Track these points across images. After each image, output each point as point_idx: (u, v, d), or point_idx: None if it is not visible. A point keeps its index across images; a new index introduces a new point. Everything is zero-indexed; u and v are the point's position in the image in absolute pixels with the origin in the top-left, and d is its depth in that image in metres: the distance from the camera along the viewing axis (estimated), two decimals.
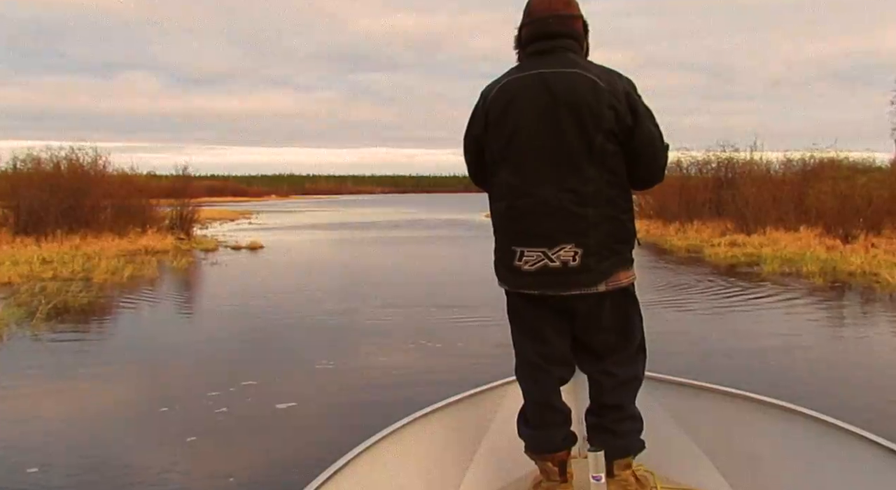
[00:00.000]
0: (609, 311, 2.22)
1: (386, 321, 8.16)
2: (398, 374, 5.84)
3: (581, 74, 2.08)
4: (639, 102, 2.13)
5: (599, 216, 2.10)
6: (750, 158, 23.39)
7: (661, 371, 2.74)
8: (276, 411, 4.84)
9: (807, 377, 5.68)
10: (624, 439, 2.24)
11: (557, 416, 2.31)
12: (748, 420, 2.40)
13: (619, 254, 2.16)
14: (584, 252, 2.09)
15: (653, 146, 2.16)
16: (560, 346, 2.28)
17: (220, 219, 33.36)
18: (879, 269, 11.58)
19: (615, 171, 2.12)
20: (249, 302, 9.75)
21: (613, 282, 2.16)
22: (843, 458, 2.07)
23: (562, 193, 2.08)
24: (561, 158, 2.09)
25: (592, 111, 2.05)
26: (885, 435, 2.01)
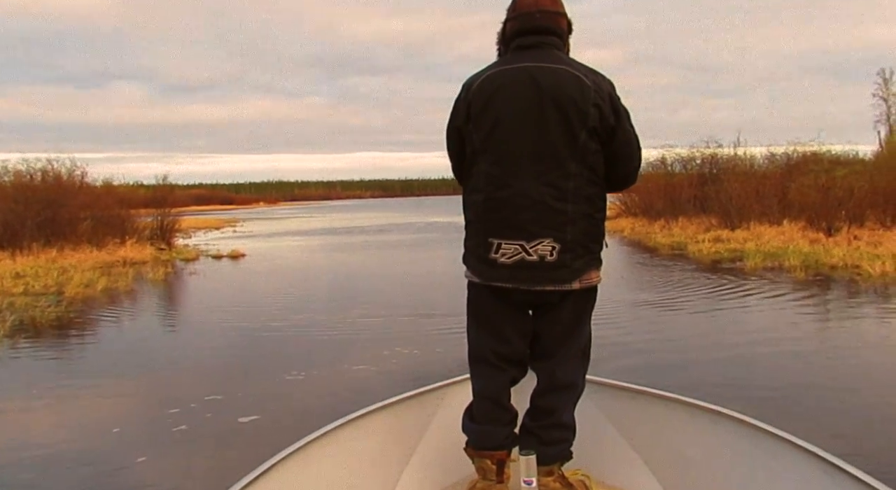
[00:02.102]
0: (570, 309, 2.20)
1: (364, 330, 8.00)
2: (371, 384, 5.70)
3: (568, 71, 2.08)
4: (619, 103, 2.14)
5: (577, 213, 2.09)
6: (734, 154, 23.45)
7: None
8: (237, 426, 4.68)
9: (772, 377, 5.57)
10: (549, 447, 2.20)
11: (504, 414, 2.28)
12: (682, 423, 2.41)
13: (592, 253, 2.16)
14: (561, 248, 2.08)
15: (630, 147, 2.17)
16: (518, 345, 2.25)
17: (205, 227, 33.13)
18: (861, 262, 11.53)
19: (595, 169, 2.13)
20: (223, 313, 9.58)
21: (586, 280, 2.15)
22: (770, 462, 2.08)
23: (542, 187, 2.07)
24: (544, 152, 2.08)
25: (578, 108, 2.05)
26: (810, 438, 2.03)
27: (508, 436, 2.28)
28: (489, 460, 2.25)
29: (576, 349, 2.25)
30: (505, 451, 2.27)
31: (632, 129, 2.17)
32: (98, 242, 17.69)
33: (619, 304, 8.94)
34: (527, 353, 2.29)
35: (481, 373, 2.28)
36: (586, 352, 2.30)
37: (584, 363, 2.32)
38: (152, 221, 19.90)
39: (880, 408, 4.68)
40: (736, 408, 2.34)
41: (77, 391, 5.78)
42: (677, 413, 2.43)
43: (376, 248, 20.11)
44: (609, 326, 7.49)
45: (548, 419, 2.22)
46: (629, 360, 6.06)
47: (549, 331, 2.23)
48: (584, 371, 2.32)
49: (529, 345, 2.28)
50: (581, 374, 2.30)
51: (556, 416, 2.23)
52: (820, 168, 18.85)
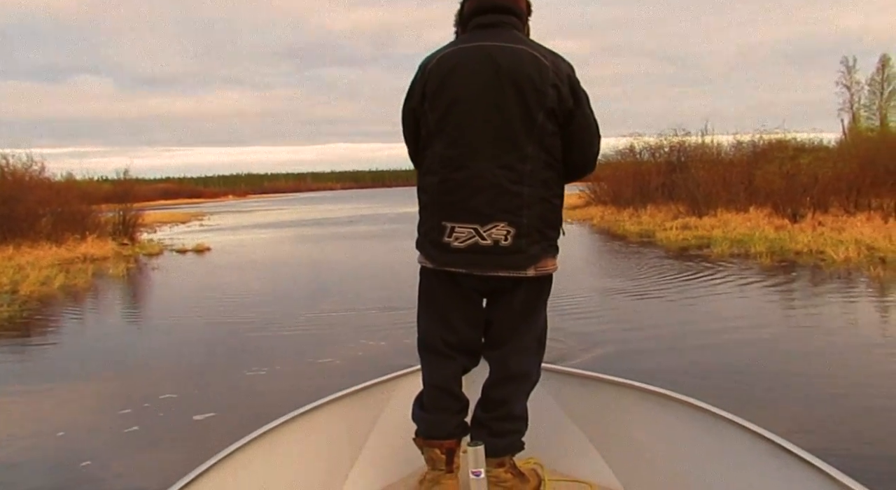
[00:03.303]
0: (524, 297, 2.13)
1: (331, 323, 7.85)
2: (335, 377, 5.54)
3: (526, 50, 2.02)
4: (579, 86, 2.08)
5: (534, 197, 2.03)
6: (701, 142, 23.63)
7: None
8: (191, 425, 4.52)
9: (736, 363, 5.56)
10: (500, 439, 2.14)
11: (454, 403, 2.22)
12: (633, 408, 2.40)
13: (548, 239, 2.09)
14: (516, 232, 2.01)
15: (589, 132, 2.11)
16: (468, 334, 2.19)
17: (171, 222, 32.67)
18: (825, 248, 11.65)
19: (552, 152, 2.06)
20: (184, 309, 9.35)
21: (541, 268, 2.09)
22: (719, 445, 2.08)
23: (498, 169, 2.00)
24: (500, 133, 2.01)
25: (536, 88, 1.99)
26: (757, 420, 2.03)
27: (458, 425, 2.22)
28: (438, 449, 2.19)
29: (530, 338, 2.19)
30: (454, 439, 2.21)
31: (591, 114, 2.11)
32: (58, 239, 17.23)
33: (586, 292, 8.91)
34: (479, 341, 2.22)
35: (431, 361, 2.23)
36: (542, 341, 2.24)
37: (540, 353, 2.25)
38: (114, 216, 19.46)
39: (827, 389, 4.67)
40: (700, 393, 2.31)
41: (23, 394, 5.55)
42: (629, 398, 2.42)
43: (345, 240, 19.91)
44: (574, 314, 7.45)
45: (499, 410, 2.16)
46: (595, 348, 6.00)
47: (501, 319, 2.17)
48: (538, 361, 2.25)
49: (487, 334, 2.22)
50: (535, 365, 2.24)
51: (507, 408, 2.16)
52: (785, 155, 19.09)
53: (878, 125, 34.86)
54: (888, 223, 14.33)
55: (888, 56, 37.56)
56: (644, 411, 2.37)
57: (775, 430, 1.93)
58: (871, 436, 3.88)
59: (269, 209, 48.38)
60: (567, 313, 7.52)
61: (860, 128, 34.49)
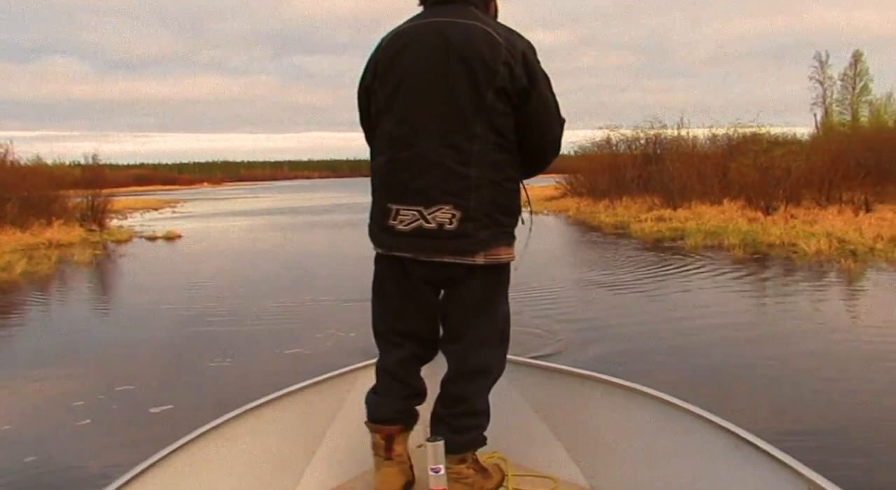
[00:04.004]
0: (478, 288, 2.04)
1: (301, 313, 7.69)
2: (302, 369, 5.38)
3: (479, 26, 1.94)
4: (536, 66, 1.98)
5: (482, 179, 1.93)
6: (677, 134, 23.71)
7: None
8: (146, 417, 4.37)
9: (705, 356, 5.53)
10: (461, 435, 2.07)
11: (401, 388, 2.16)
12: (598, 401, 2.37)
13: (500, 225, 1.99)
14: (462, 216, 1.92)
15: (547, 113, 2.01)
16: (419, 323, 2.13)
17: (143, 208, 32.24)
18: (797, 240, 11.72)
19: (503, 133, 1.95)
20: (150, 297, 9.12)
21: (493, 256, 1.98)
22: (683, 438, 2.06)
23: (444, 149, 1.92)
24: (448, 111, 1.92)
25: (486, 65, 1.90)
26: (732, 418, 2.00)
27: (401, 411, 2.15)
28: (378, 435, 2.14)
29: (489, 332, 2.10)
30: (396, 426, 2.14)
31: (551, 96, 2.02)
32: (23, 224, 16.82)
33: (559, 283, 8.85)
34: (433, 332, 2.15)
35: (381, 347, 2.19)
36: (503, 335, 2.15)
37: (501, 347, 2.16)
38: (82, 202, 19.06)
39: (795, 378, 4.66)
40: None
41: None
42: (593, 391, 2.39)
43: (320, 229, 19.68)
44: (545, 305, 7.39)
45: (459, 407, 2.08)
46: (562, 340, 5.95)
47: (455, 311, 2.08)
48: (500, 355, 2.16)
49: (437, 323, 2.15)
50: (496, 359, 2.15)
51: (467, 404, 2.09)
52: (759, 148, 19.20)
53: (850, 120, 35.28)
54: (858, 216, 14.48)
55: (860, 52, 38.08)
56: (609, 404, 2.33)
57: (736, 420, 1.93)
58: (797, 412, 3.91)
59: (245, 197, 47.88)
60: (537, 303, 7.45)
61: (832, 122, 34.89)
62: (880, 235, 11.55)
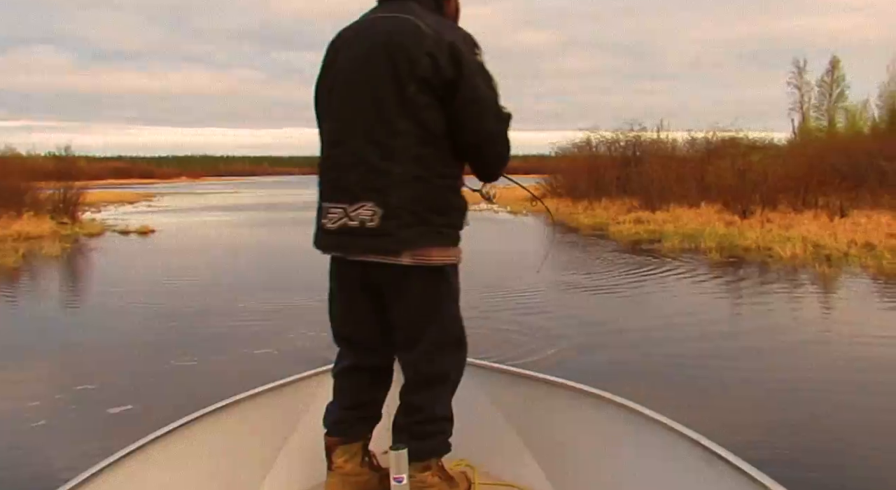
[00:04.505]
0: (417, 293, 1.97)
1: (273, 311, 7.54)
2: (270, 369, 5.25)
3: (408, 19, 1.89)
4: (469, 58, 1.88)
5: (406, 175, 1.87)
6: (657, 137, 23.83)
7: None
8: (104, 418, 4.24)
9: (673, 360, 5.49)
10: (423, 442, 2.01)
11: (342, 398, 2.13)
12: (567, 408, 2.34)
13: (429, 224, 1.90)
14: (384, 213, 1.86)
15: (478, 106, 1.91)
16: (358, 328, 2.07)
17: (118, 202, 31.81)
18: (773, 244, 11.78)
19: (428, 127, 1.88)
20: (118, 293, 8.92)
21: (421, 256, 1.90)
22: (650, 447, 2.04)
23: (369, 145, 1.88)
24: (372, 107, 1.89)
25: (409, 56, 1.85)
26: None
27: (339, 422, 2.11)
28: (325, 443, 2.11)
29: (440, 339, 2.02)
30: (333, 437, 2.10)
31: (486, 90, 1.92)
32: None
33: (535, 285, 8.80)
34: (373, 339, 2.09)
35: (337, 353, 2.18)
36: (458, 340, 2.07)
37: (457, 353, 2.08)
38: (54, 194, 18.71)
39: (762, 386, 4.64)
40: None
41: None
42: (562, 398, 2.36)
43: (297, 226, 19.45)
44: (520, 307, 7.33)
45: (418, 415, 2.03)
46: (537, 344, 5.88)
47: (400, 317, 2.02)
48: (457, 361, 2.09)
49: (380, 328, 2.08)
50: (453, 366, 2.07)
51: (426, 412, 2.03)
52: (737, 152, 19.34)
53: (827, 126, 35.68)
54: (834, 221, 14.61)
55: (837, 58, 38.43)
56: (578, 412, 2.30)
57: (701, 429, 1.93)
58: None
59: (223, 192, 47.40)
60: (512, 306, 7.39)
61: (809, 127, 35.27)
62: (854, 241, 11.65)
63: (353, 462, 2.12)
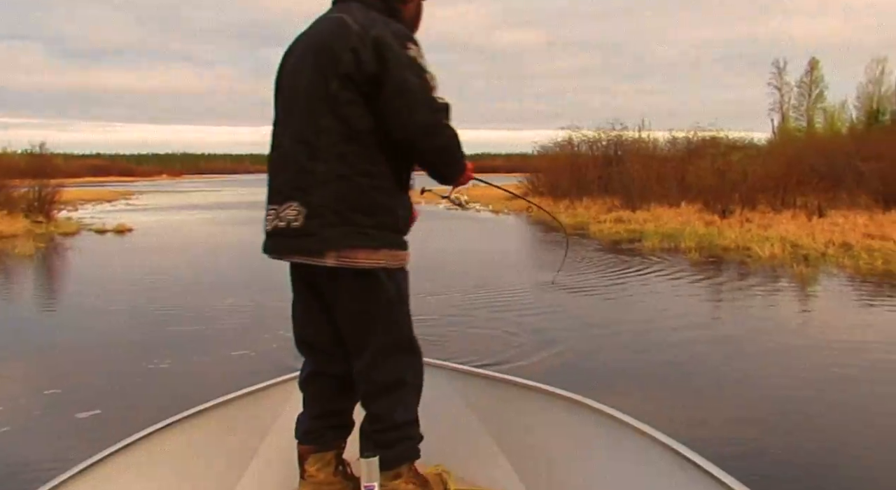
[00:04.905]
0: (350, 298, 1.94)
1: (249, 312, 7.42)
2: (245, 372, 5.16)
3: (338, 17, 1.90)
4: (395, 51, 1.83)
5: (329, 173, 1.85)
6: (638, 137, 23.93)
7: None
8: (71, 424, 4.12)
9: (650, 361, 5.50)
10: (388, 450, 1.98)
11: (310, 406, 2.12)
12: (541, 412, 2.35)
13: (354, 225, 1.86)
14: (307, 212, 1.86)
15: (405, 98, 1.83)
16: (313, 332, 2.06)
17: (96, 200, 31.49)
18: (752, 244, 11.85)
19: (351, 123, 1.85)
20: (92, 293, 8.78)
21: (347, 259, 1.86)
22: (624, 453, 2.05)
23: (298, 145, 1.90)
24: (301, 106, 1.91)
25: (332, 53, 1.85)
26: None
27: (309, 432, 2.10)
28: (298, 452, 2.12)
29: (384, 345, 1.97)
30: (305, 446, 2.10)
31: (414, 80, 1.84)
32: None
33: (516, 285, 8.77)
34: (330, 344, 2.07)
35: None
36: (408, 344, 2.03)
37: (408, 357, 2.03)
38: (29, 192, 18.42)
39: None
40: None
41: None
42: (537, 402, 2.37)
43: None
44: (499, 308, 7.29)
45: (378, 424, 2.01)
46: (517, 344, 5.85)
47: (341, 322, 2.00)
48: (407, 366, 2.03)
49: (331, 332, 2.07)
50: (406, 369, 2.02)
51: (387, 420, 2.00)
52: (717, 152, 19.46)
53: (806, 126, 36.06)
54: (812, 221, 14.74)
55: (816, 60, 38.86)
56: (553, 416, 2.31)
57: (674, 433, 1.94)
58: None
59: (203, 190, 47.05)
60: (492, 306, 7.35)
61: (789, 128, 35.63)
62: (832, 241, 11.74)
63: (326, 471, 2.11)
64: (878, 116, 32.49)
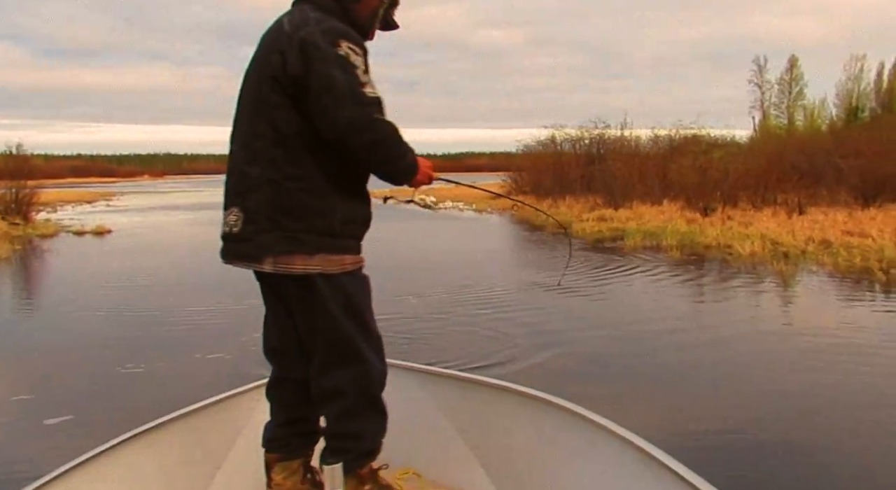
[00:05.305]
0: (294, 303, 1.93)
1: (226, 315, 7.33)
2: (221, 376, 5.12)
3: (279, 19, 1.89)
4: (323, 48, 1.75)
5: (261, 178, 1.83)
6: (620, 135, 23.98)
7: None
8: (39, 431, 4.04)
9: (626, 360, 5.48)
10: (342, 455, 1.96)
11: (276, 414, 2.09)
12: (512, 414, 2.34)
13: (285, 230, 1.82)
14: (244, 218, 1.85)
15: (331, 96, 1.75)
16: (282, 338, 2.03)
17: (76, 201, 31.18)
18: (733, 242, 11.89)
19: (279, 127, 1.83)
20: (67, 296, 8.67)
21: (284, 265, 1.83)
22: (593, 453, 2.05)
23: (240, 149, 1.91)
24: (247, 110, 1.92)
25: (266, 57, 1.85)
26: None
27: (274, 440, 2.07)
28: (265, 460, 2.09)
29: (327, 353, 1.93)
30: (271, 454, 2.06)
31: (344, 78, 1.75)
32: None
33: (500, 284, 8.74)
34: (291, 349, 2.03)
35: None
36: (349, 356, 1.93)
37: (351, 368, 1.94)
38: (5, 194, 18.17)
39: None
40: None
41: None
42: (507, 402, 2.37)
43: None
44: (483, 308, 7.26)
45: (326, 432, 2.03)
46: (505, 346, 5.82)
47: (298, 327, 1.98)
48: (350, 378, 1.94)
49: (293, 338, 2.05)
50: (346, 381, 1.94)
51: (330, 429, 2.00)
52: (698, 150, 19.52)
53: (786, 123, 36.33)
54: (792, 218, 14.83)
55: (796, 57, 39.15)
56: (522, 416, 2.31)
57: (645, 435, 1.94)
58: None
59: (186, 190, 46.67)
60: (476, 306, 7.31)
61: (770, 125, 35.88)
62: (812, 238, 11.81)
63: (293, 479, 2.07)
64: (858, 113, 32.84)
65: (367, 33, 1.96)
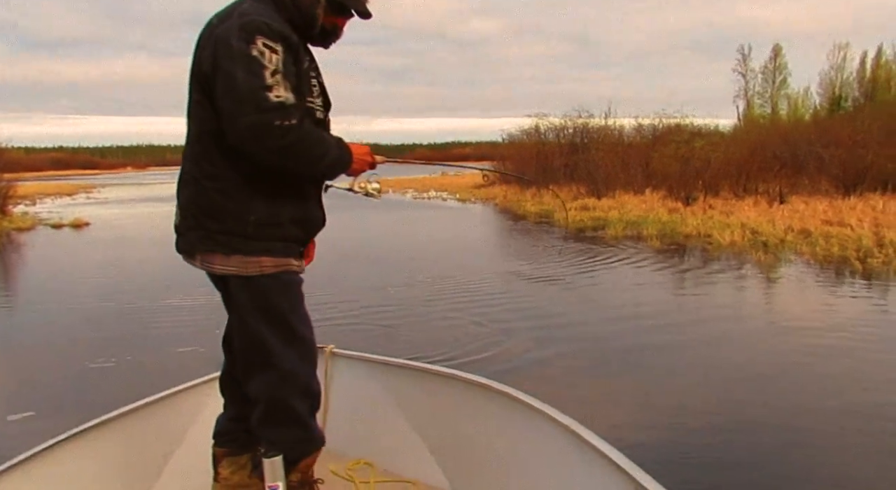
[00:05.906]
0: (226, 302, 1.94)
1: (202, 308, 7.23)
2: (190, 369, 4.98)
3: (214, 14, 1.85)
4: (234, 45, 1.65)
5: (189, 174, 1.84)
6: (604, 124, 23.98)
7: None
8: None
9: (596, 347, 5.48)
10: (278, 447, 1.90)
11: (227, 408, 2.09)
12: (461, 402, 2.38)
13: (206, 229, 1.80)
14: (180, 213, 1.88)
15: (231, 98, 1.64)
16: (228, 329, 2.02)
17: (56, 194, 30.84)
18: (713, 231, 11.92)
19: (200, 125, 1.81)
20: (40, 290, 8.58)
21: (207, 263, 1.83)
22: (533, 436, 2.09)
23: (185, 146, 1.89)
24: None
25: (195, 52, 1.82)
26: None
27: (222, 433, 2.07)
28: (213, 453, 2.09)
29: (244, 356, 1.89)
30: (219, 448, 2.07)
31: (247, 79, 1.62)
32: None
33: (481, 274, 8.71)
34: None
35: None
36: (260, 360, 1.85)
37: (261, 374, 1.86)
38: None
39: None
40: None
41: None
42: (454, 390, 2.41)
43: None
44: (467, 298, 7.23)
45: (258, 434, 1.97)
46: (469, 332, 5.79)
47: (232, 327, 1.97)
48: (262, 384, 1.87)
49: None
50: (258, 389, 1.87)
51: (258, 431, 1.95)
52: (680, 139, 19.53)
53: (770, 112, 36.48)
54: (772, 207, 14.88)
55: (780, 46, 39.31)
56: (468, 403, 2.35)
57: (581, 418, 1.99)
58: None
59: (168, 182, 46.17)
60: (459, 295, 7.27)
61: (754, 114, 36.02)
62: (791, 227, 11.86)
63: (241, 473, 2.06)
64: (841, 103, 33.01)
65: (314, 21, 1.82)
